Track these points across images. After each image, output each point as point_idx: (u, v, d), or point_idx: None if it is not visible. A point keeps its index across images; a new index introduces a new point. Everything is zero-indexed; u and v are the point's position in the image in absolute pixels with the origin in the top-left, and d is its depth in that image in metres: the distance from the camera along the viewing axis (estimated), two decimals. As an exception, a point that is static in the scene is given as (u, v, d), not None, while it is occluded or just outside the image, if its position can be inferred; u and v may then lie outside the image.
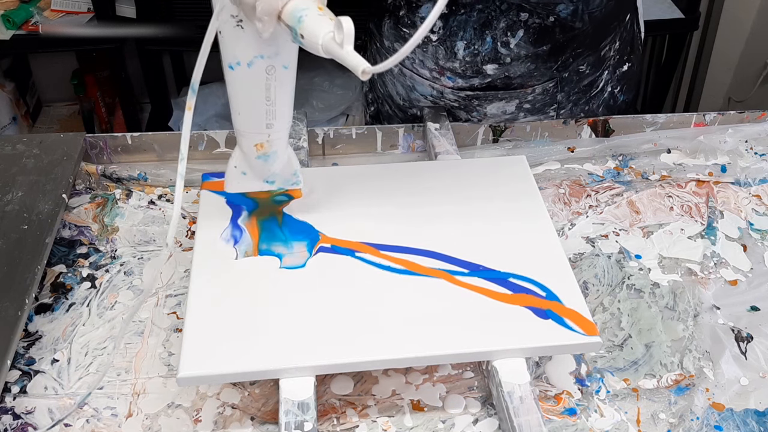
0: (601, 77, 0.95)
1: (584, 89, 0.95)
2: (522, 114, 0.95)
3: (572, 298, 0.67)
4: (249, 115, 0.65)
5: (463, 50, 0.87)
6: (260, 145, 0.67)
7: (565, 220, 0.86)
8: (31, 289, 0.71)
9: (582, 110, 0.97)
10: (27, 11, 1.77)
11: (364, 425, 0.65)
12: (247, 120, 0.66)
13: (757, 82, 1.97)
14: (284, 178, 0.72)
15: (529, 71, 0.90)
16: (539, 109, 0.95)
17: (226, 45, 0.60)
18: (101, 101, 2.10)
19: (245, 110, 0.65)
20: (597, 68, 0.94)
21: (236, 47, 0.60)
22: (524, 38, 0.86)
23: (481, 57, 0.88)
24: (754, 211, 0.88)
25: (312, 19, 0.53)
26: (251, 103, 0.64)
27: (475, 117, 0.96)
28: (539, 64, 0.89)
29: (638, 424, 0.66)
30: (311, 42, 0.53)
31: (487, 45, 0.86)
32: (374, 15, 0.96)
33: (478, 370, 0.69)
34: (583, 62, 0.92)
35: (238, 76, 0.62)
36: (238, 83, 0.63)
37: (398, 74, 0.97)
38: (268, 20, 0.54)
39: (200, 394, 0.67)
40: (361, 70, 0.51)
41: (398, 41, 0.93)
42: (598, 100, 0.97)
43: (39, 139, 0.87)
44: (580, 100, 0.96)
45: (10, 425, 0.64)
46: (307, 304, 0.66)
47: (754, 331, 0.73)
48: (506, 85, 0.91)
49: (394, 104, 1.02)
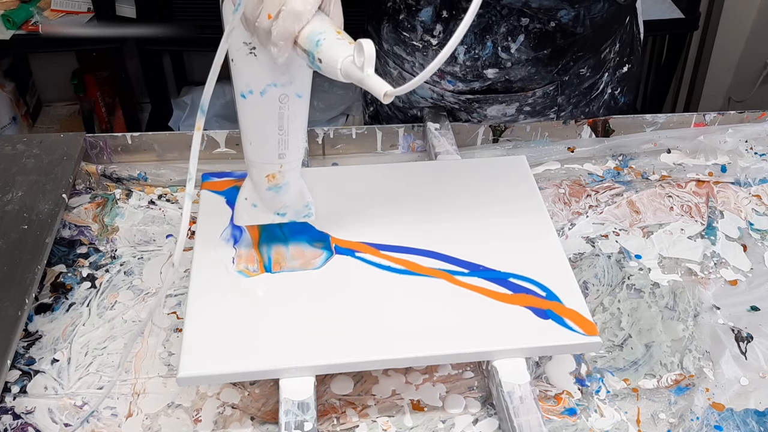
0: (601, 79, 0.95)
1: (584, 92, 0.95)
2: (522, 116, 0.95)
3: (572, 298, 0.67)
4: (261, 145, 0.64)
5: (463, 55, 0.87)
6: (272, 176, 0.65)
7: (565, 220, 0.86)
8: (31, 289, 0.71)
9: (582, 112, 0.97)
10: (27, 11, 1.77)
11: (364, 425, 0.65)
12: (259, 150, 0.64)
13: (757, 82, 1.97)
14: (296, 210, 0.70)
15: (529, 75, 0.90)
16: (539, 111, 0.95)
17: (239, 73, 0.59)
18: (101, 101, 2.10)
19: (257, 140, 0.63)
20: (597, 71, 0.94)
21: (249, 75, 0.58)
22: (525, 43, 0.86)
23: (481, 61, 0.88)
24: (754, 211, 0.88)
25: (330, 43, 0.52)
26: (263, 133, 0.63)
27: (475, 118, 0.96)
28: (540, 68, 0.89)
29: (638, 424, 0.66)
30: (330, 66, 0.52)
31: (487, 50, 0.86)
32: (372, 17, 0.96)
33: (478, 370, 0.69)
34: (584, 65, 0.92)
35: (251, 104, 0.60)
36: (250, 112, 0.62)
37: (398, 77, 0.96)
38: (284, 45, 0.53)
39: (200, 394, 0.67)
40: (383, 93, 0.49)
41: (397, 45, 0.93)
42: (599, 102, 0.97)
43: (39, 139, 0.87)
44: (581, 103, 0.96)
45: (10, 425, 0.64)
46: (307, 304, 0.66)
47: (754, 331, 0.73)
48: (506, 88, 0.91)
49: (393, 106, 1.02)
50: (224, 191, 0.77)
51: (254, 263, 0.69)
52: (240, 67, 0.58)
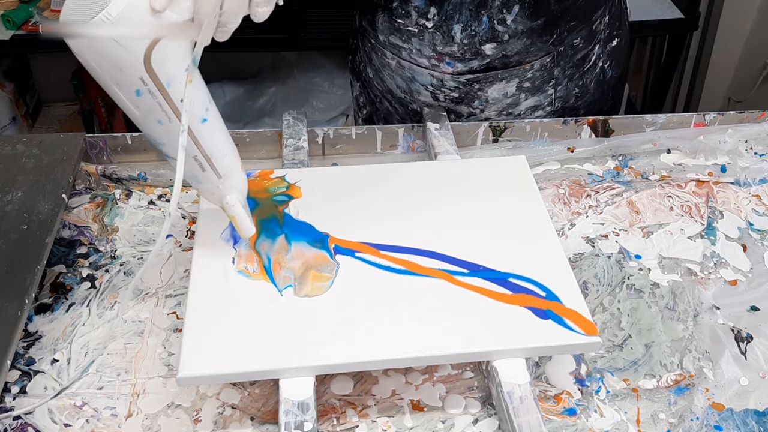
0: (592, 52, 0.96)
1: (578, 63, 0.96)
2: (523, 95, 0.95)
3: (572, 298, 0.67)
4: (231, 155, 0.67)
5: (460, 33, 0.88)
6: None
7: (565, 220, 0.86)
8: (31, 289, 0.71)
9: (576, 85, 0.98)
10: (27, 11, 1.77)
11: (364, 425, 0.65)
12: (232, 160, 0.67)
13: (757, 82, 1.97)
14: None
15: (526, 47, 0.91)
16: (538, 87, 0.95)
17: (194, 99, 0.60)
18: (101, 101, 2.10)
19: (230, 150, 0.67)
20: (589, 42, 0.95)
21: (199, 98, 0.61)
22: (520, 13, 0.87)
23: (478, 37, 0.88)
24: (754, 211, 0.88)
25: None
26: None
27: (477, 107, 0.96)
28: (535, 39, 0.90)
29: (638, 424, 0.66)
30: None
31: (483, 25, 0.87)
32: (366, 12, 0.97)
33: (478, 370, 0.69)
34: (577, 36, 0.93)
35: (211, 123, 0.63)
36: (213, 129, 0.64)
37: (397, 67, 0.97)
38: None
39: (200, 394, 0.67)
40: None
41: (393, 34, 0.93)
42: (591, 75, 0.98)
43: (39, 139, 0.87)
44: (575, 75, 0.97)
45: (10, 425, 0.64)
46: (307, 304, 0.66)
47: (754, 331, 0.73)
48: (504, 64, 0.92)
49: (394, 99, 1.02)
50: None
51: (254, 263, 0.70)
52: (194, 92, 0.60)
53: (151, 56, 0.55)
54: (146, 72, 0.56)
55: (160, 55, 0.55)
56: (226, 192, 0.67)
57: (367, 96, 1.08)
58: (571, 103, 0.99)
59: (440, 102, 0.97)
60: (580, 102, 1.00)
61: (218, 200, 0.68)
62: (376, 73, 1.02)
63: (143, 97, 0.58)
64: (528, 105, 0.97)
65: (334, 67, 2.00)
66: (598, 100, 1.01)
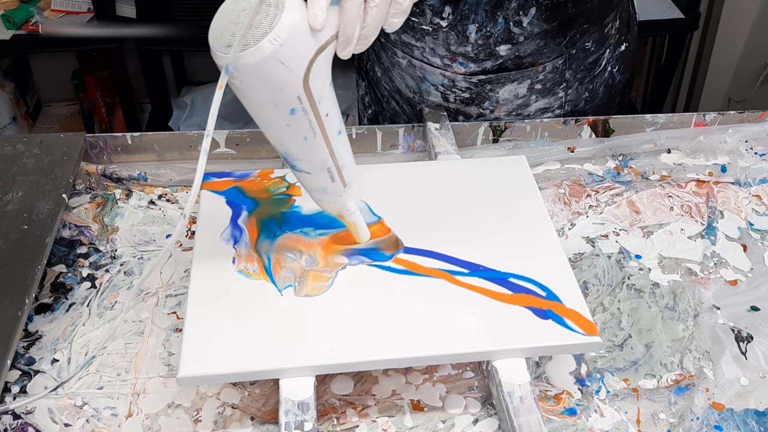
0: (603, 55, 0.96)
1: (589, 67, 0.96)
2: (534, 97, 0.95)
3: (572, 298, 0.67)
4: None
5: (475, 33, 0.87)
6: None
7: (565, 220, 0.86)
8: (31, 289, 0.71)
9: (586, 89, 0.97)
10: (27, 11, 1.77)
11: (364, 425, 0.65)
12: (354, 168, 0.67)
13: (757, 82, 1.97)
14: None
15: (539, 49, 0.90)
16: (549, 89, 0.95)
17: (332, 112, 0.60)
18: (101, 101, 2.10)
19: (353, 158, 0.67)
20: (600, 45, 0.95)
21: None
22: (537, 15, 0.86)
23: (493, 39, 0.88)
24: (754, 211, 0.88)
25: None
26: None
27: (487, 108, 0.96)
28: (549, 41, 0.90)
29: (638, 424, 0.66)
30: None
31: (499, 26, 0.86)
32: None
33: (478, 370, 0.69)
34: (589, 39, 0.93)
35: (344, 134, 0.63)
36: (345, 140, 0.64)
37: (407, 66, 0.96)
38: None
39: (200, 394, 0.67)
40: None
41: (405, 32, 0.92)
42: (600, 79, 0.98)
43: (39, 139, 0.87)
44: (585, 79, 0.97)
45: (10, 425, 0.64)
46: (307, 304, 0.66)
47: (754, 331, 0.73)
48: (517, 65, 0.92)
49: (402, 99, 1.02)
50: (224, 191, 0.77)
51: (254, 263, 0.70)
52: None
53: (310, 74, 0.55)
54: (303, 90, 0.56)
55: (316, 73, 0.56)
56: (348, 200, 0.67)
57: (373, 95, 1.08)
58: (581, 106, 0.99)
59: (450, 103, 0.97)
60: (588, 106, 0.99)
61: (339, 209, 0.68)
62: (384, 72, 1.02)
63: (296, 116, 0.57)
64: (538, 107, 0.97)
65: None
66: (606, 104, 1.01)
